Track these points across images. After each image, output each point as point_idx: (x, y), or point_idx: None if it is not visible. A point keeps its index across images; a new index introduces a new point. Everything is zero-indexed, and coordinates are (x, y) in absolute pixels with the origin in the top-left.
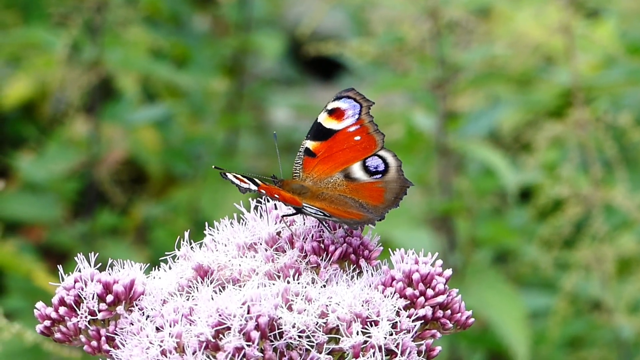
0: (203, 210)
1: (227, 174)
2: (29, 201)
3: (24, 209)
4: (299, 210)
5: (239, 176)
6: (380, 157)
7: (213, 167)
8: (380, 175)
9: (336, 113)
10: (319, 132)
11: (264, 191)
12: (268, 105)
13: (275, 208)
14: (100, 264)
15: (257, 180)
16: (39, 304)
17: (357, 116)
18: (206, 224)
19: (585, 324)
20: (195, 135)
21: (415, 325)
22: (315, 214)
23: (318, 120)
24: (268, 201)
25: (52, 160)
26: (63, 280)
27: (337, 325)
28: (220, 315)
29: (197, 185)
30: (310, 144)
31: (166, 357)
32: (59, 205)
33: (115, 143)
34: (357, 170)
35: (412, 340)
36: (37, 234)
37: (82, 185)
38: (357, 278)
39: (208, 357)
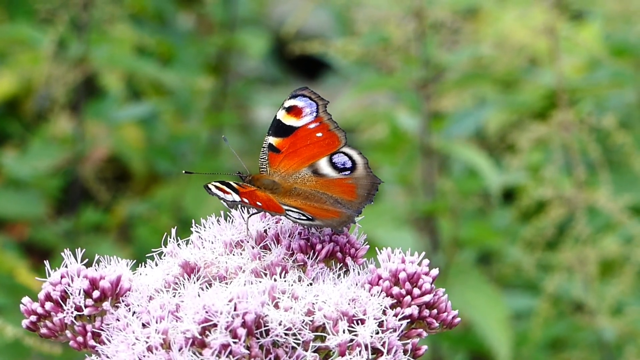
0: (186, 209)
1: (210, 187)
2: (12, 198)
3: (7, 206)
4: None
5: (220, 186)
6: (345, 154)
7: (183, 171)
8: (349, 171)
9: (294, 110)
10: (280, 129)
11: (246, 200)
12: (252, 104)
13: None
14: (87, 259)
15: (233, 184)
16: (25, 299)
17: (315, 114)
18: (193, 221)
19: (568, 325)
20: (179, 134)
21: (401, 324)
22: (298, 219)
23: (277, 117)
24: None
25: (36, 157)
26: (49, 275)
27: (324, 323)
28: (206, 312)
29: (181, 183)
30: (273, 140)
31: (152, 353)
32: (43, 202)
33: (99, 140)
34: (324, 166)
35: (398, 339)
36: (20, 231)
37: (65, 182)
38: (344, 276)
39: (194, 353)
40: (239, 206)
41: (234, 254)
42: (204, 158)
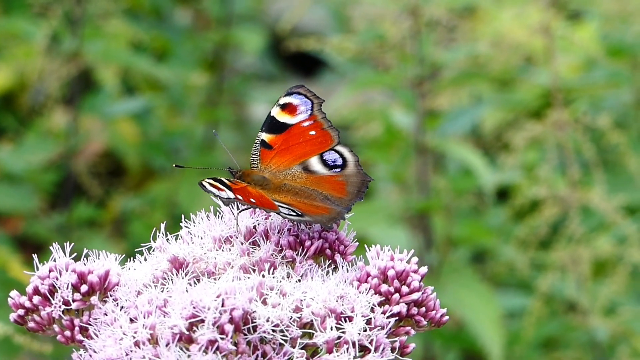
0: (180, 204)
1: (204, 184)
2: (6, 192)
3: (1, 200)
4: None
5: (214, 183)
6: (337, 151)
7: (174, 165)
8: (340, 169)
9: (288, 108)
10: (273, 126)
11: (240, 196)
12: (248, 101)
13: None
14: (75, 254)
15: (225, 181)
16: (13, 293)
17: (309, 112)
18: (182, 216)
19: (560, 325)
20: (174, 129)
21: (389, 322)
22: (287, 215)
23: (271, 114)
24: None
25: (30, 151)
26: (38, 269)
27: (311, 320)
28: (194, 307)
29: (175, 179)
30: (265, 136)
31: (139, 348)
32: (36, 196)
33: (93, 135)
34: (315, 163)
35: (386, 337)
36: (13, 225)
37: (59, 176)
38: (333, 273)
39: (181, 349)
40: (233, 202)
41: (223, 250)
42: (198, 154)
